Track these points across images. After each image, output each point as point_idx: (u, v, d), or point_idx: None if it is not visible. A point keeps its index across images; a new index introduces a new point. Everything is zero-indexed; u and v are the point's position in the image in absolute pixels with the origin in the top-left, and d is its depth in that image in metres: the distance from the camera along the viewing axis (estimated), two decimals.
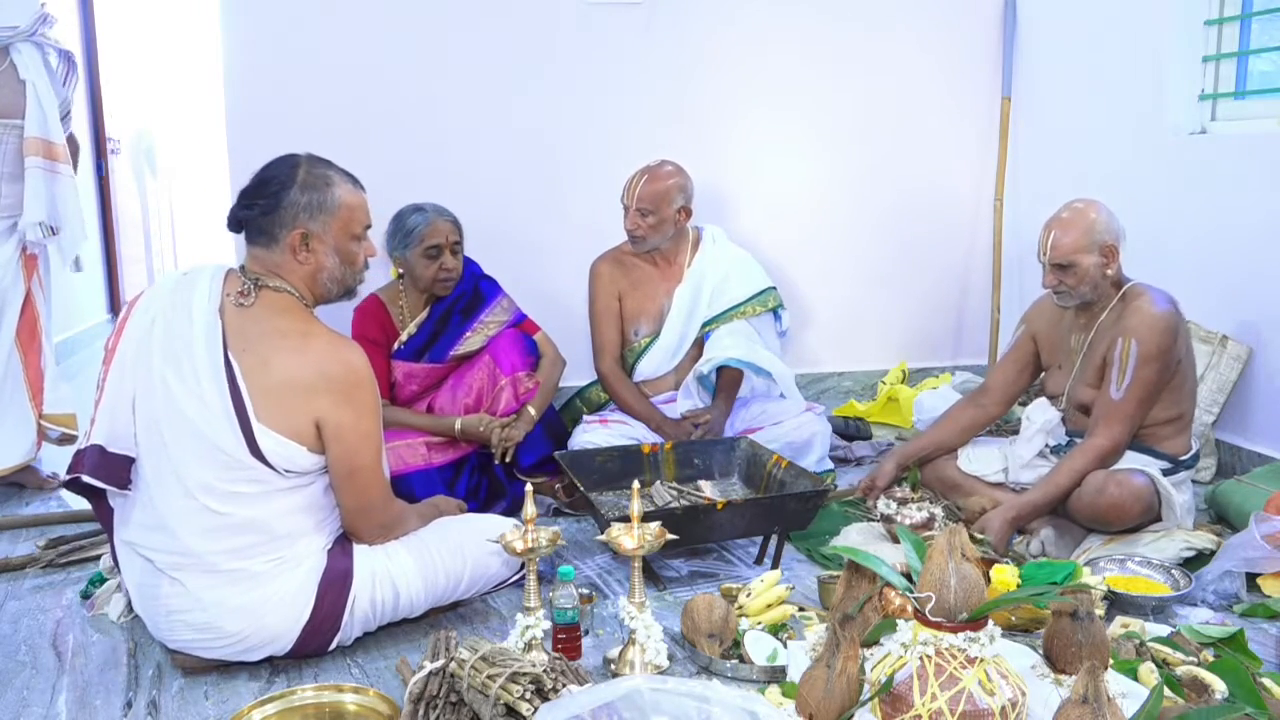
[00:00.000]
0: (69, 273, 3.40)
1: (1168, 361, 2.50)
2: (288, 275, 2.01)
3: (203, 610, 1.94)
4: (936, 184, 4.30)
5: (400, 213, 2.93)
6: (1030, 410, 2.78)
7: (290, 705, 1.83)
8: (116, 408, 1.95)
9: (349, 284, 2.10)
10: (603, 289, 3.25)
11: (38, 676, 2.05)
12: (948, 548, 1.61)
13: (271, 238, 1.99)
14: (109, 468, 1.94)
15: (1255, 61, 3.34)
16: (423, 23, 3.74)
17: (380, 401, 2.08)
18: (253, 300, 1.98)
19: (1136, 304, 2.53)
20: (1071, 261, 2.54)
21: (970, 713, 1.52)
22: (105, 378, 1.98)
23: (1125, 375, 2.48)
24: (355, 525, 2.08)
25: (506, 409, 2.94)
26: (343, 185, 2.04)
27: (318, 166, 2.04)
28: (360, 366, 1.99)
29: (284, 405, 1.92)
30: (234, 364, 1.91)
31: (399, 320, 2.98)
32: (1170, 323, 2.49)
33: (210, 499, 1.91)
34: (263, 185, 2.01)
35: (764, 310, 3.30)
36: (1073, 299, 2.61)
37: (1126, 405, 2.49)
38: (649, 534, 1.97)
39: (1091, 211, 2.57)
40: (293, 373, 1.93)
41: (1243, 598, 2.28)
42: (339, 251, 2.04)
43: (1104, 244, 2.54)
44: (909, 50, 4.19)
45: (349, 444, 1.98)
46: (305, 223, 1.99)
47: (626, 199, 3.13)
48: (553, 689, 1.63)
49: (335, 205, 2.01)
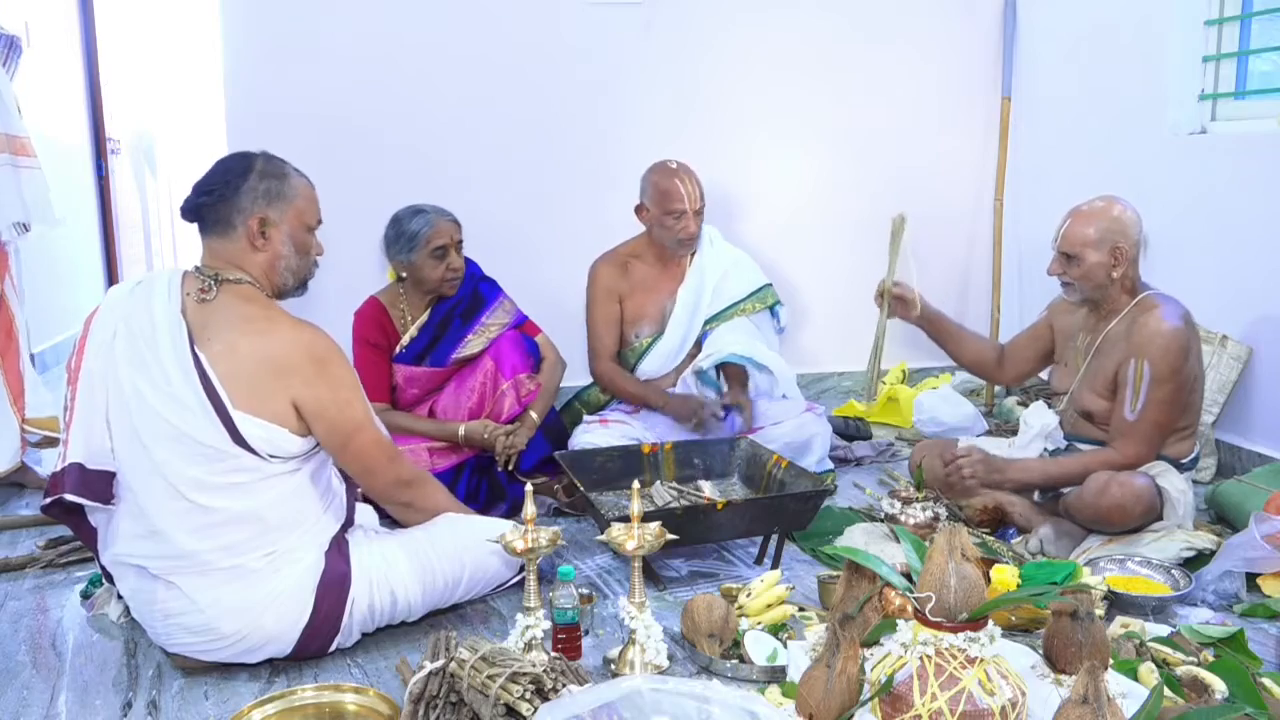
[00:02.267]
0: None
1: (1181, 381, 2.47)
2: (246, 266, 2.02)
3: (199, 612, 1.94)
4: (936, 184, 4.30)
5: (398, 217, 2.91)
6: (1027, 414, 2.77)
7: (290, 705, 1.83)
8: (90, 424, 1.95)
9: (304, 275, 2.11)
10: (602, 291, 3.25)
11: (38, 676, 2.05)
12: (948, 548, 1.61)
13: (229, 225, 2.00)
14: (90, 484, 1.94)
15: (1255, 61, 3.34)
16: (423, 23, 3.74)
17: (355, 372, 2.10)
18: (214, 295, 1.98)
19: (1147, 319, 2.48)
20: (1078, 253, 2.52)
21: (970, 713, 1.52)
22: (74, 397, 1.97)
23: (1139, 396, 2.46)
24: (373, 489, 2.16)
25: (510, 413, 2.94)
26: (297, 177, 2.08)
27: (273, 160, 2.07)
28: (324, 342, 2.01)
29: (258, 389, 1.92)
30: (201, 357, 1.91)
31: (400, 324, 2.97)
32: (1182, 341, 2.45)
33: (201, 495, 1.91)
34: (219, 174, 2.02)
35: (762, 307, 3.32)
36: (1076, 293, 2.59)
37: (1142, 426, 2.48)
38: (649, 534, 1.97)
39: (1114, 209, 2.54)
40: (261, 355, 1.94)
41: (1243, 598, 2.28)
42: (294, 240, 2.05)
43: (1115, 245, 2.50)
44: (909, 50, 4.19)
45: (332, 418, 1.99)
46: (263, 209, 2.00)
47: (690, 203, 3.10)
48: (553, 689, 1.63)
49: (293, 193, 2.04)
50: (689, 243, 3.17)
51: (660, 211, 3.12)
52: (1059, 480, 2.58)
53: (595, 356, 3.26)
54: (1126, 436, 2.50)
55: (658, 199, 3.12)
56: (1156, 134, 3.48)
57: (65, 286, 5.27)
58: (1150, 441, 2.51)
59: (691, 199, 3.10)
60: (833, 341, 4.26)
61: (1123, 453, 2.50)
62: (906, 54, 4.19)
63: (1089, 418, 2.63)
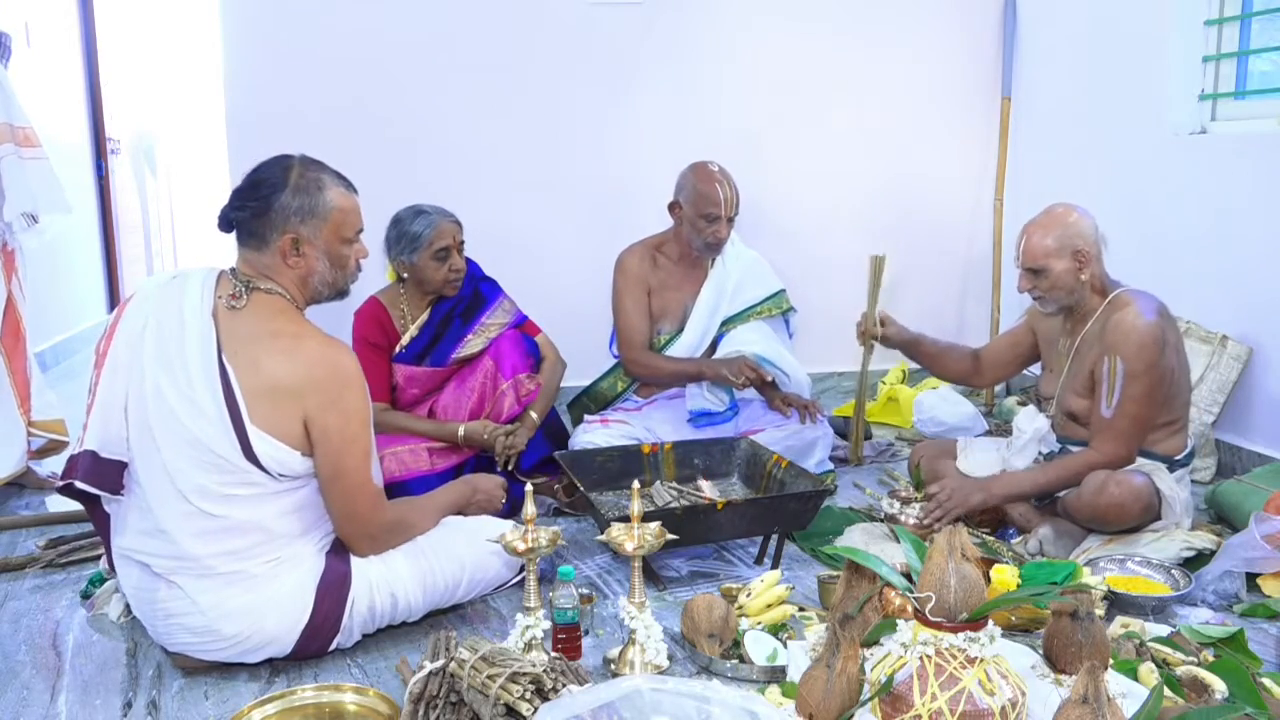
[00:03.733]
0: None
1: (1157, 375, 2.46)
2: (278, 278, 2.00)
3: (200, 614, 1.94)
4: (936, 184, 4.30)
5: (399, 217, 2.91)
6: (1019, 419, 2.78)
7: (290, 705, 1.83)
8: (109, 412, 1.94)
9: (340, 286, 2.08)
10: (633, 281, 3.23)
11: (38, 676, 2.05)
12: (948, 548, 1.61)
13: (262, 240, 1.98)
14: (102, 473, 1.93)
15: (1255, 61, 3.34)
16: (423, 23, 3.74)
17: (371, 409, 2.06)
18: (244, 303, 1.96)
19: (1120, 317, 2.48)
20: (1042, 266, 2.52)
21: (970, 713, 1.52)
22: (97, 382, 1.97)
23: (1114, 393, 2.46)
24: (343, 533, 2.07)
25: (510, 413, 2.94)
26: (334, 189, 2.01)
27: (311, 169, 2.01)
28: (350, 369, 1.97)
29: (275, 408, 1.91)
30: (228, 367, 1.90)
31: (400, 323, 2.97)
32: (1155, 335, 2.44)
33: (205, 502, 1.90)
34: (254, 187, 1.98)
35: (778, 312, 3.32)
36: (1050, 304, 2.60)
37: (1119, 422, 2.48)
38: (649, 534, 1.97)
39: (1068, 216, 2.54)
40: (282, 374, 1.91)
41: (1243, 598, 2.28)
42: (329, 255, 2.02)
43: (1076, 249, 2.50)
44: (909, 50, 4.19)
45: (334, 446, 1.96)
46: (296, 227, 1.97)
47: (726, 209, 3.10)
48: (553, 689, 1.63)
49: (327, 210, 1.99)
50: (717, 247, 3.18)
51: (695, 213, 3.12)
52: (1050, 487, 2.57)
53: (628, 345, 3.22)
54: (1104, 433, 2.50)
55: (695, 200, 3.11)
56: (1156, 134, 3.48)
57: (65, 286, 5.27)
58: (1129, 437, 2.50)
59: (729, 205, 3.10)
60: (832, 342, 4.26)
61: (1102, 450, 2.50)
62: (907, 54, 4.19)
63: (1075, 419, 2.63)
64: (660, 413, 3.22)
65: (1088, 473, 2.48)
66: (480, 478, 2.45)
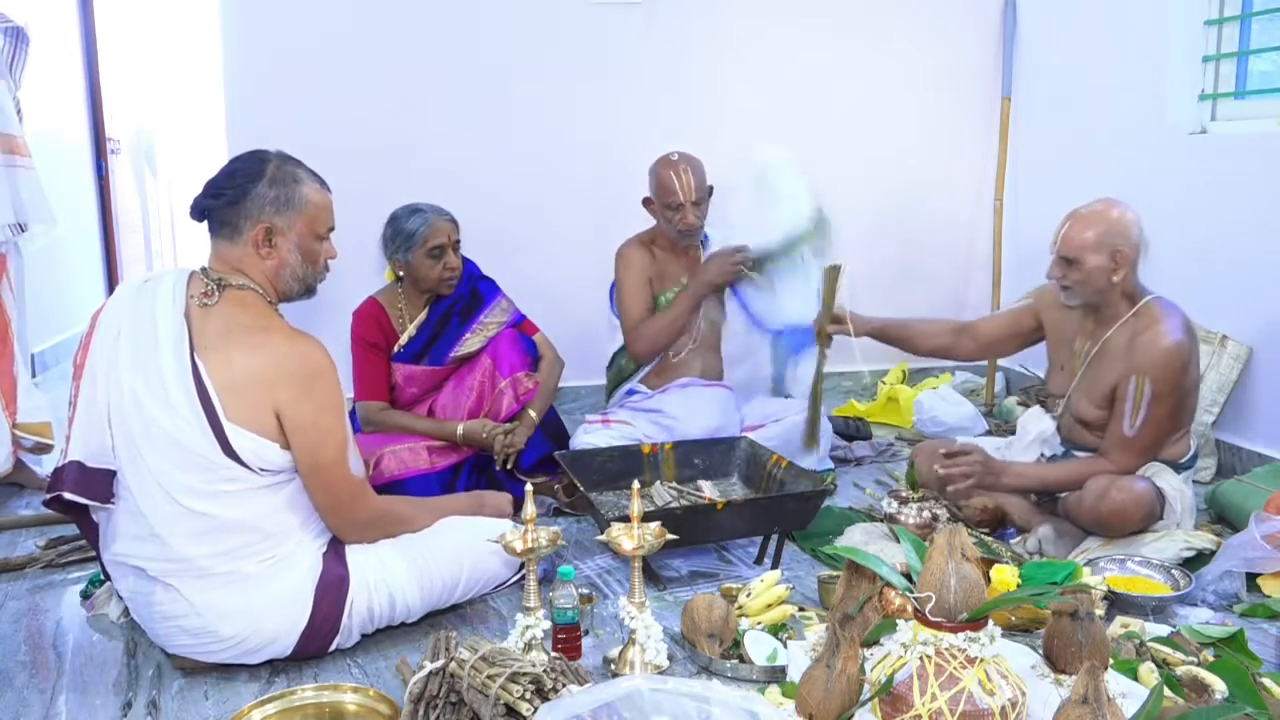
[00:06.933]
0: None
1: (1181, 395, 2.46)
2: (250, 271, 2.00)
3: (198, 615, 1.94)
4: (936, 184, 4.30)
5: (396, 215, 2.91)
6: (1024, 420, 2.77)
7: (290, 705, 1.83)
8: (92, 422, 1.94)
9: (309, 283, 2.09)
10: (634, 269, 3.23)
11: (38, 676, 2.05)
12: (948, 548, 1.61)
13: (235, 229, 1.98)
14: (90, 483, 1.93)
15: (1255, 61, 3.34)
16: (422, 23, 3.75)
17: (344, 400, 2.06)
18: (216, 300, 1.96)
19: (1150, 337, 2.42)
20: (1077, 257, 2.46)
21: (970, 713, 1.52)
22: (77, 394, 1.97)
23: (1139, 412, 2.43)
24: (330, 524, 2.08)
25: (509, 412, 2.94)
26: (310, 184, 2.04)
27: (287, 164, 2.03)
28: (319, 359, 1.98)
29: (249, 401, 1.91)
30: (199, 364, 1.90)
31: (398, 323, 2.97)
32: (1184, 355, 2.42)
33: (195, 502, 1.90)
34: (230, 176, 1.99)
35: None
36: (1075, 298, 2.53)
37: (1141, 440, 2.47)
38: (649, 534, 1.97)
39: (1114, 212, 2.48)
40: (254, 367, 1.92)
41: (1243, 598, 2.28)
42: (301, 249, 2.03)
43: (1115, 248, 2.43)
44: (909, 50, 4.19)
45: (309, 438, 1.96)
46: (270, 217, 1.98)
47: (686, 195, 3.07)
48: (553, 689, 1.63)
49: (302, 202, 2.01)
50: (689, 234, 3.17)
51: (660, 204, 3.13)
52: (1055, 486, 2.57)
53: (631, 323, 3.21)
54: (1123, 450, 2.49)
55: (658, 191, 3.13)
56: (1156, 134, 3.48)
57: (65, 286, 5.26)
58: (1146, 454, 2.50)
59: (687, 191, 3.08)
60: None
61: (1117, 464, 2.49)
62: (907, 54, 4.19)
63: (1085, 425, 2.61)
64: (674, 397, 3.18)
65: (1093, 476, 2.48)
66: (489, 494, 2.46)
